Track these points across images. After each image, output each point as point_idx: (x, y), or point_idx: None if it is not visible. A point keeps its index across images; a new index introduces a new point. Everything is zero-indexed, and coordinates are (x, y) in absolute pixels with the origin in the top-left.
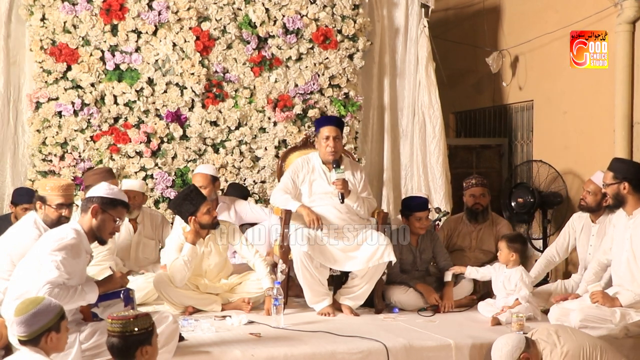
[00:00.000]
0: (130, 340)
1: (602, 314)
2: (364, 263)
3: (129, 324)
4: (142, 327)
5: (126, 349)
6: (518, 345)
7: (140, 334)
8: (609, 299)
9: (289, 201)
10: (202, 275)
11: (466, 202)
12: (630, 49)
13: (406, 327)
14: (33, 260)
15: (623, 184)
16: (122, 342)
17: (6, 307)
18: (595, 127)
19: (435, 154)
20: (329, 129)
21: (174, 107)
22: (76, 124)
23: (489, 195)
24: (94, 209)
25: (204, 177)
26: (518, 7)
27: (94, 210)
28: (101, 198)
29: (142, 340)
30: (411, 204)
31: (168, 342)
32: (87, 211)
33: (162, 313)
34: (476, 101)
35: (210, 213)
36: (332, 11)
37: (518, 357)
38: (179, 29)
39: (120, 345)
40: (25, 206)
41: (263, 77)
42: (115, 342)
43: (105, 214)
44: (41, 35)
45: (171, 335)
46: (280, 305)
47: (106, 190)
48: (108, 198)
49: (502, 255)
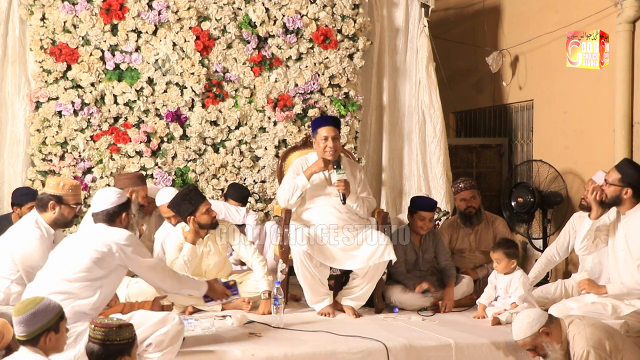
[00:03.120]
0: (111, 349)
1: (597, 309)
2: (364, 262)
3: (111, 333)
4: (124, 337)
5: (105, 357)
6: (539, 319)
7: (120, 344)
8: (595, 286)
9: (295, 181)
10: (202, 275)
11: (458, 207)
12: (631, 49)
13: (406, 327)
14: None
15: (626, 189)
16: (102, 350)
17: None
18: (595, 127)
19: (436, 154)
20: (327, 129)
21: (174, 107)
22: (76, 124)
23: (480, 195)
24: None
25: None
26: (518, 6)
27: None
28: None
29: (122, 350)
30: (419, 202)
31: (173, 342)
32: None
33: (168, 313)
34: (476, 101)
35: (209, 213)
36: (332, 11)
37: (538, 330)
38: (179, 29)
39: (100, 353)
40: (31, 204)
41: (263, 76)
42: (95, 348)
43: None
44: (41, 34)
45: (176, 336)
46: (281, 305)
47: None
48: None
49: (502, 265)
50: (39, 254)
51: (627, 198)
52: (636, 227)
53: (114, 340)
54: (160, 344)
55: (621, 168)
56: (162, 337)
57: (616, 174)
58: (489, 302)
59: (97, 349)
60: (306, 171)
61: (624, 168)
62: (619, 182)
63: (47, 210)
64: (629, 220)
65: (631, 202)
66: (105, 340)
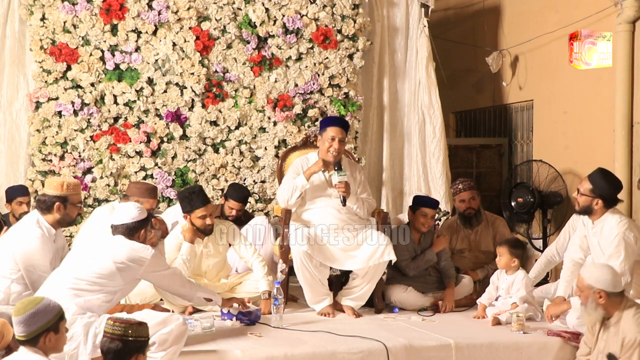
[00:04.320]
0: (130, 345)
1: None
2: (364, 262)
3: (131, 329)
4: (142, 334)
5: (123, 354)
6: (607, 283)
7: (139, 341)
8: (558, 306)
9: (295, 182)
10: (202, 275)
11: (457, 208)
12: (630, 49)
13: (406, 327)
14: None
15: (597, 200)
16: (122, 346)
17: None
18: (595, 127)
19: (435, 154)
20: (335, 130)
21: (174, 107)
22: (76, 124)
23: (479, 196)
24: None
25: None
26: (518, 6)
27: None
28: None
29: (139, 347)
30: (422, 199)
31: (176, 342)
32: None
33: (172, 314)
34: (476, 101)
35: (204, 219)
36: (332, 11)
37: (597, 288)
38: (178, 29)
39: (119, 349)
40: (20, 199)
41: (263, 76)
42: (113, 344)
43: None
44: (41, 35)
45: (179, 336)
46: (280, 305)
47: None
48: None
49: (503, 260)
50: (40, 253)
51: (597, 208)
52: (605, 234)
53: (134, 336)
54: (163, 343)
55: (593, 178)
56: (166, 336)
57: (588, 184)
58: (490, 302)
59: (116, 344)
60: (306, 172)
61: (596, 179)
62: (590, 193)
63: (51, 212)
64: (598, 230)
65: (602, 212)
66: (124, 336)
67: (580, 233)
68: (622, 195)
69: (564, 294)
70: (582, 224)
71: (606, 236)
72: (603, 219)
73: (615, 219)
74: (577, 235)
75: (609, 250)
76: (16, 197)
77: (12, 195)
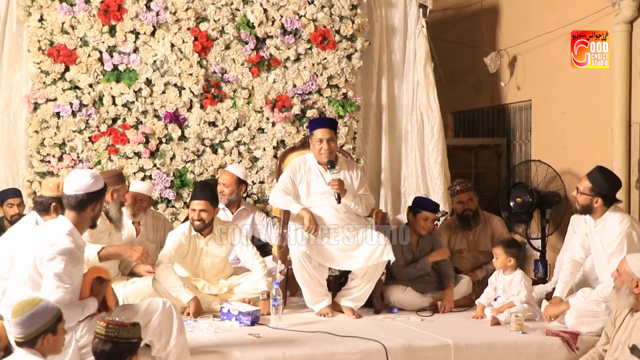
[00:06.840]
0: (122, 347)
1: (591, 308)
2: (363, 262)
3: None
4: (135, 335)
5: (116, 356)
6: None
7: (131, 342)
8: (556, 307)
9: (290, 203)
10: (200, 275)
11: (455, 210)
12: (628, 49)
13: (405, 327)
14: (28, 268)
15: (596, 198)
16: (114, 348)
17: (5, 310)
18: (593, 127)
19: (433, 154)
20: (322, 131)
21: (173, 108)
22: (74, 125)
23: (477, 196)
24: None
25: (230, 176)
26: (516, 7)
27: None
28: (89, 194)
29: (132, 348)
30: (424, 202)
31: (169, 328)
32: (82, 207)
33: (152, 300)
34: (474, 101)
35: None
36: (330, 11)
37: (636, 277)
38: (177, 30)
39: (112, 351)
40: (10, 201)
41: (261, 77)
42: (106, 347)
43: (98, 203)
44: (39, 36)
45: (168, 319)
46: (280, 305)
47: (88, 184)
48: (94, 192)
49: (499, 261)
50: None
51: (597, 207)
52: (609, 231)
53: (126, 338)
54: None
55: (592, 177)
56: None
57: (587, 183)
58: (488, 303)
59: (109, 347)
60: (301, 210)
61: (595, 177)
62: (590, 192)
63: (49, 213)
64: (600, 228)
65: (602, 210)
66: (116, 338)
67: (582, 231)
68: (621, 194)
69: (561, 294)
70: (585, 222)
71: (609, 234)
72: (605, 217)
73: (617, 217)
74: (578, 234)
75: (611, 248)
76: (7, 198)
77: (3, 197)
